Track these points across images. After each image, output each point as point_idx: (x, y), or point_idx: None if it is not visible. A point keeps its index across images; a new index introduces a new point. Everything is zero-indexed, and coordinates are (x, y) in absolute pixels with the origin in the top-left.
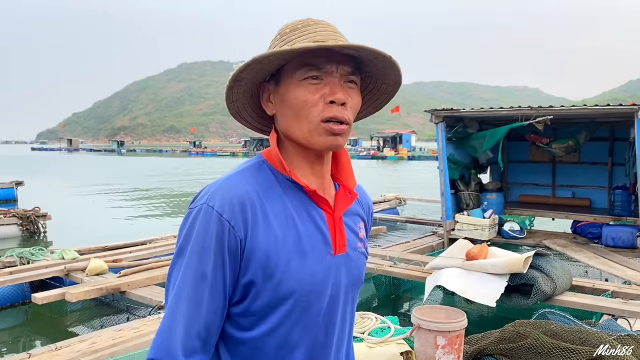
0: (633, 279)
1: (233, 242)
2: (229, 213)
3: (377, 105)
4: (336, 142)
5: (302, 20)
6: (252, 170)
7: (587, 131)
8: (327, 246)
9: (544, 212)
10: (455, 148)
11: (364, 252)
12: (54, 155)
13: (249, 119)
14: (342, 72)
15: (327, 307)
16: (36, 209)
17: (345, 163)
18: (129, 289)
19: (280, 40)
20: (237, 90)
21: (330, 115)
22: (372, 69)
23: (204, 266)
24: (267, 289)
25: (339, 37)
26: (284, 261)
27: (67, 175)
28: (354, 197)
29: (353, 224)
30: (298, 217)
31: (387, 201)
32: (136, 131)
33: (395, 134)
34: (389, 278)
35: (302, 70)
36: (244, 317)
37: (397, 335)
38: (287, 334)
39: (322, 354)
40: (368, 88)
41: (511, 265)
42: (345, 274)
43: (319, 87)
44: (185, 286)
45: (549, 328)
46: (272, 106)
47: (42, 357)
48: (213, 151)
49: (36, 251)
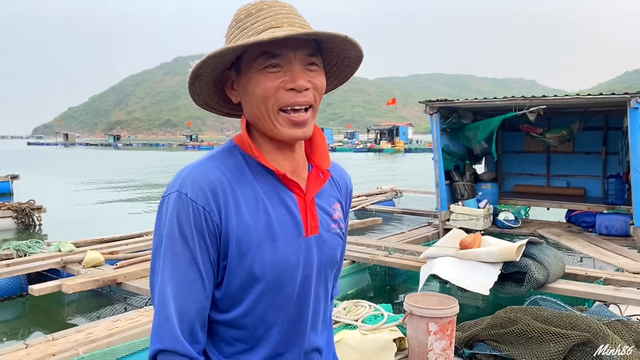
0: (625, 266)
1: (212, 227)
2: (202, 199)
3: (342, 77)
4: (302, 133)
5: (256, 4)
6: (222, 156)
7: (581, 121)
8: (298, 228)
9: (538, 201)
10: (450, 139)
11: (338, 232)
12: (50, 149)
13: (217, 107)
14: (301, 55)
15: (300, 287)
16: (31, 202)
17: (319, 143)
18: (125, 281)
19: (235, 27)
20: (199, 84)
21: (290, 102)
22: (331, 45)
23: (188, 252)
24: (240, 272)
25: (293, 20)
26: (256, 245)
27: (63, 169)
28: (327, 178)
29: (327, 205)
30: (269, 201)
31: (384, 193)
32: (132, 125)
33: (392, 126)
34: (384, 268)
35: (260, 59)
36: (221, 300)
37: (390, 322)
38: (262, 314)
39: (297, 332)
40: (331, 63)
41: (504, 253)
42: (318, 255)
43: (278, 74)
44: (173, 274)
45: (539, 314)
46: (236, 94)
47: (39, 347)
48: (210, 145)
49: (33, 244)
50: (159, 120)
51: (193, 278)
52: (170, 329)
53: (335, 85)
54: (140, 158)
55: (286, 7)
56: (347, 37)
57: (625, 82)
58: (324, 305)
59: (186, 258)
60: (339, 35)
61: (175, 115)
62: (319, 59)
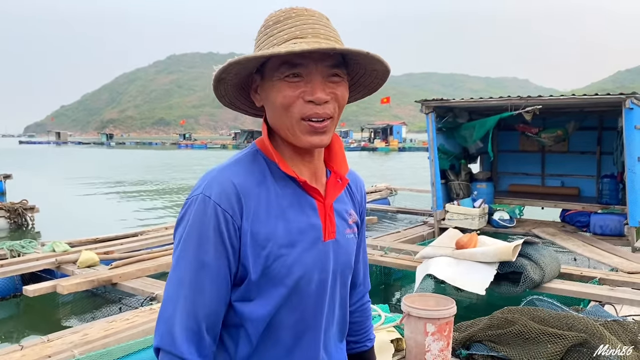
0: (620, 266)
1: (232, 231)
2: (226, 203)
3: (372, 88)
4: (320, 141)
5: (285, 12)
6: (246, 160)
7: (576, 121)
8: (317, 233)
9: (533, 201)
10: (446, 138)
11: (353, 237)
12: (42, 148)
13: (243, 107)
14: (323, 67)
15: (316, 291)
16: (24, 202)
17: (338, 149)
18: (120, 281)
19: (264, 33)
20: (223, 87)
21: (309, 114)
22: (357, 58)
23: (204, 255)
24: (259, 277)
25: (319, 31)
26: (275, 250)
27: (56, 169)
28: (345, 184)
29: (343, 211)
30: (289, 206)
31: (378, 191)
32: (125, 124)
33: (385, 125)
34: (379, 267)
35: (282, 68)
36: (240, 302)
37: (387, 323)
38: (279, 317)
39: (311, 335)
40: (359, 74)
41: (500, 253)
42: (334, 259)
43: (299, 84)
44: (187, 275)
45: (536, 314)
46: (259, 98)
47: (35, 348)
48: (203, 143)
49: (27, 244)
50: (152, 119)
51: (205, 281)
52: (171, 328)
53: (364, 94)
54: (133, 156)
55: (314, 17)
56: (370, 54)
57: (617, 81)
58: (339, 313)
59: (201, 261)
60: (361, 52)
61: (168, 113)
62: (342, 70)
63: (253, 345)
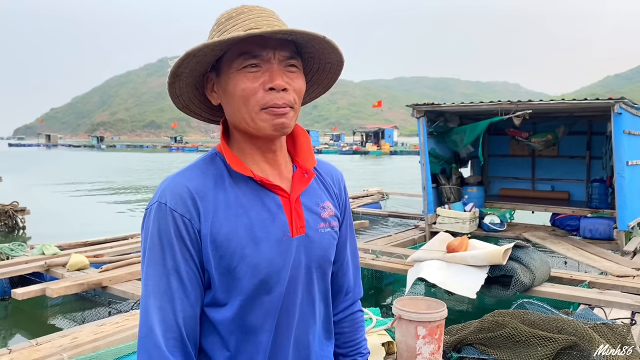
0: (609, 269)
1: (193, 234)
2: (182, 207)
3: (325, 85)
4: (282, 124)
5: (237, 8)
6: (202, 164)
7: (566, 125)
8: (283, 229)
9: (523, 205)
10: (437, 142)
11: (329, 232)
12: (32, 151)
13: (197, 111)
14: (280, 57)
15: (287, 289)
16: (14, 204)
17: (303, 142)
18: (110, 284)
19: (217, 30)
20: (179, 85)
21: (270, 103)
22: (311, 49)
23: (171, 261)
24: (224, 277)
25: (273, 22)
26: (238, 250)
27: (46, 171)
28: (311, 177)
29: (314, 204)
30: (250, 205)
31: (370, 195)
32: (116, 126)
33: (377, 129)
34: (371, 271)
35: (239, 59)
36: (209, 307)
37: (378, 327)
38: (250, 318)
39: (289, 334)
40: (313, 69)
41: (491, 257)
42: (305, 254)
43: (257, 74)
44: (155, 283)
45: (526, 317)
46: (216, 96)
47: (23, 352)
48: (194, 146)
49: (16, 247)
50: (143, 122)
51: (176, 287)
52: (156, 340)
53: (319, 93)
54: (124, 160)
55: (267, 11)
56: (326, 38)
57: (606, 86)
58: (322, 310)
59: (168, 267)
60: (317, 36)
61: (159, 116)
62: (298, 61)
63: (231, 351)
